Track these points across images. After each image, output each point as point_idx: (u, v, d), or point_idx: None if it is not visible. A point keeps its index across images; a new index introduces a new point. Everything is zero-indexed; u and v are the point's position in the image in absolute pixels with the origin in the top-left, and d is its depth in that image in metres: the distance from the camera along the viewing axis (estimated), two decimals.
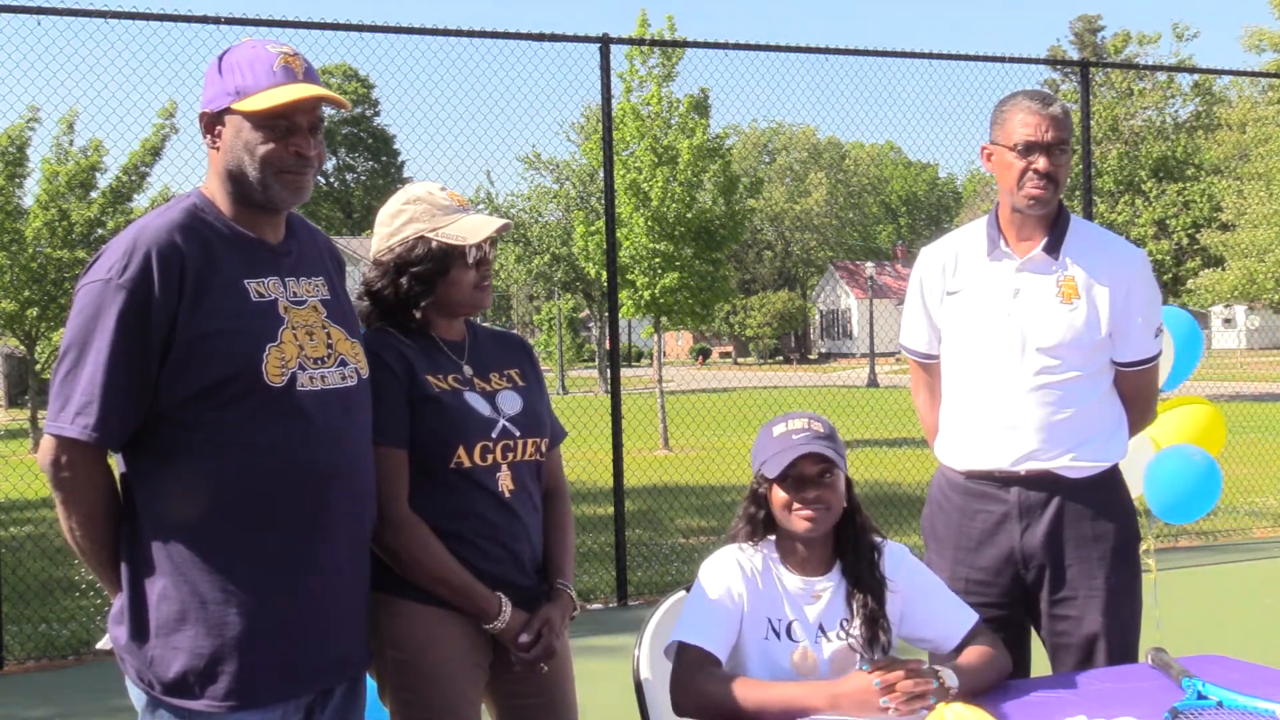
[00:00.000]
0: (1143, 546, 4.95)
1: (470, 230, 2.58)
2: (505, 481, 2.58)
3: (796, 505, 2.52)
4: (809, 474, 2.51)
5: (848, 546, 2.59)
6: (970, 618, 2.62)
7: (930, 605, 2.63)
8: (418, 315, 2.62)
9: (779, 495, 2.54)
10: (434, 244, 2.57)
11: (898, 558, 2.64)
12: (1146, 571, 3.23)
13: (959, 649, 2.57)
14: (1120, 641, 3.00)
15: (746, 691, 2.37)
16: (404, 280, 2.58)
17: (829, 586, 2.56)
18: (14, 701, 5.82)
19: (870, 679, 2.29)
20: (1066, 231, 3.06)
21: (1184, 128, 36.96)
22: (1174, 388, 5.07)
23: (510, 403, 2.65)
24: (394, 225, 2.62)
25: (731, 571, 2.55)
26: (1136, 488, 4.64)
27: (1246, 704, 2.33)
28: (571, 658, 2.74)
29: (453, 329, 2.68)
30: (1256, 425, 15.35)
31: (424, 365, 2.57)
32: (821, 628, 2.53)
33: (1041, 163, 2.96)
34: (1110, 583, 3.00)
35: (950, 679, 2.35)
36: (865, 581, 2.56)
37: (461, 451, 2.53)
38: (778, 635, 2.52)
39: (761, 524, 2.60)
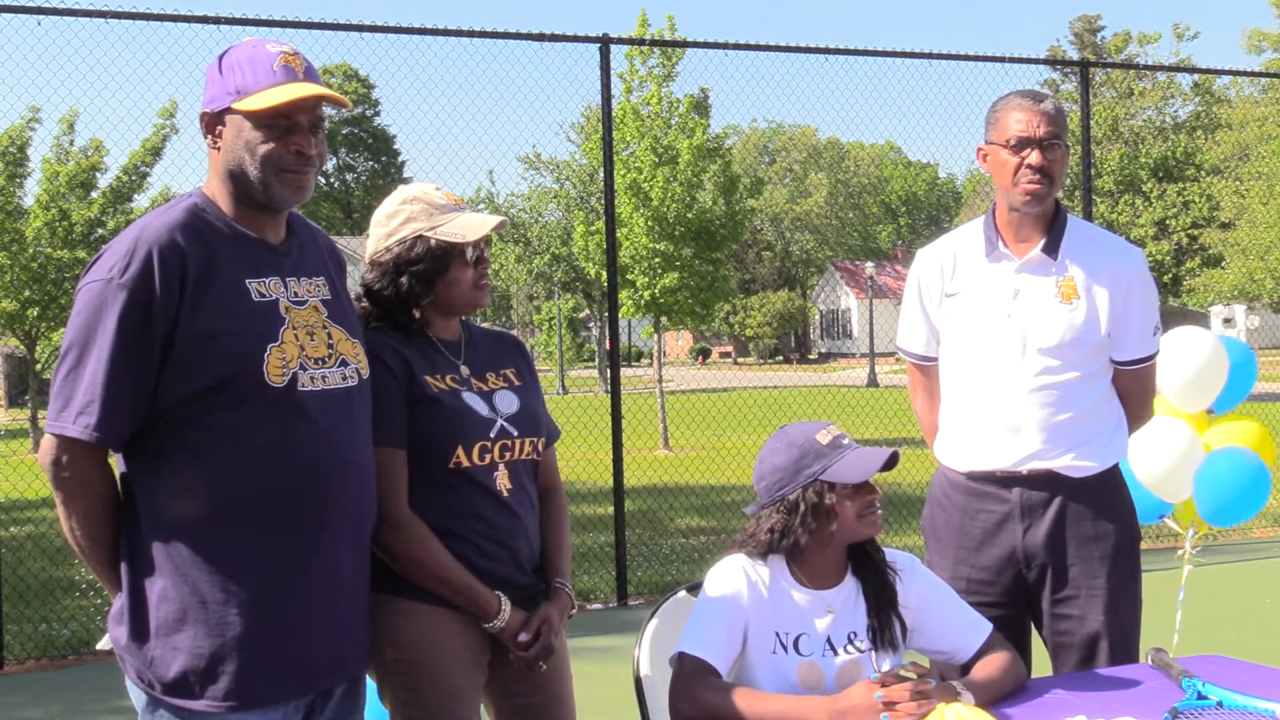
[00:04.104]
0: (1179, 552, 4.90)
1: (469, 228, 2.58)
2: (503, 481, 2.58)
3: (867, 511, 2.48)
4: (869, 479, 2.49)
5: (863, 546, 2.55)
6: (985, 628, 2.60)
7: (945, 617, 2.60)
8: (417, 315, 2.62)
9: (847, 503, 2.47)
10: (433, 243, 2.57)
11: (910, 569, 2.61)
12: (1161, 569, 3.19)
13: (974, 659, 2.55)
14: (1121, 641, 3.00)
15: (746, 702, 2.33)
16: (404, 280, 2.58)
17: (841, 598, 2.52)
18: (14, 702, 5.82)
19: (873, 693, 2.26)
20: (1064, 232, 3.06)
21: (1184, 128, 37.00)
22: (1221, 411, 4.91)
23: (507, 402, 2.65)
24: (391, 226, 2.62)
25: (739, 583, 2.49)
26: (1186, 492, 4.55)
27: (1246, 704, 2.34)
28: (569, 656, 2.74)
29: (449, 329, 2.68)
30: None
31: (422, 365, 2.57)
32: (830, 642, 2.49)
33: (1035, 157, 2.96)
34: (1111, 582, 3.00)
35: (968, 699, 2.33)
36: (883, 576, 2.54)
37: (460, 451, 2.53)
38: (785, 649, 2.47)
39: (829, 537, 2.49)
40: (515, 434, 2.62)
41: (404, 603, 2.50)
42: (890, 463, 2.47)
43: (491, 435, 2.58)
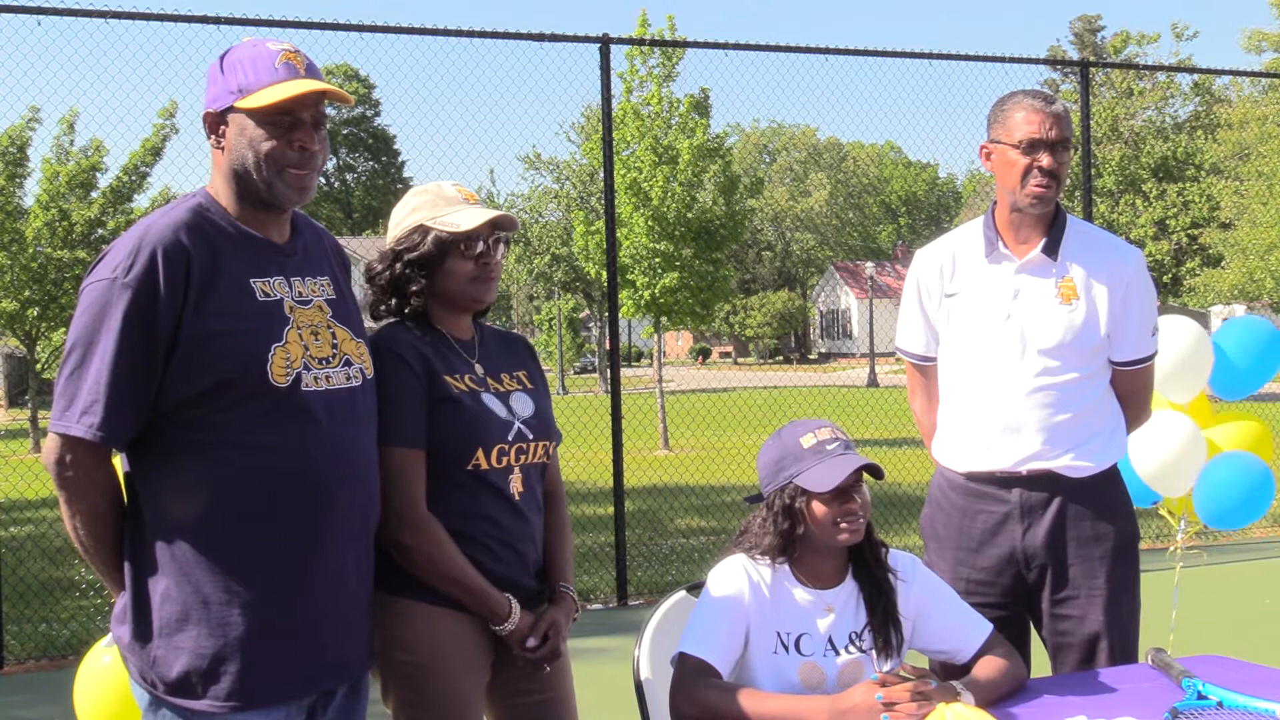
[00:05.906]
0: (1170, 548, 4.90)
1: (466, 219, 2.60)
2: (517, 484, 2.59)
3: (842, 519, 2.47)
4: (848, 484, 2.48)
5: (862, 550, 2.56)
6: (985, 628, 2.61)
7: (945, 618, 2.61)
8: (414, 303, 2.62)
9: (820, 508, 2.47)
10: (431, 232, 2.59)
11: (911, 570, 2.61)
12: (1159, 570, 3.18)
13: (974, 659, 2.56)
14: (1121, 641, 3.00)
15: (748, 702, 2.34)
16: (398, 266, 2.61)
17: (841, 599, 2.53)
18: (14, 702, 5.82)
19: (873, 694, 2.26)
20: (1064, 232, 3.07)
21: (1184, 128, 37.02)
22: (1238, 398, 4.86)
23: (523, 405, 2.65)
24: (400, 216, 2.67)
25: (740, 583, 2.50)
26: (1185, 488, 4.53)
27: (1246, 704, 2.34)
28: (570, 657, 2.74)
29: (460, 326, 2.69)
30: None
31: (440, 365, 2.58)
32: (831, 641, 2.50)
33: (1046, 159, 2.96)
34: (1111, 582, 3.00)
35: (968, 699, 2.34)
36: (881, 582, 2.55)
37: (480, 454, 2.53)
38: (786, 649, 2.48)
39: (795, 540, 2.50)
40: (531, 437, 2.62)
41: (409, 604, 2.50)
42: (871, 473, 2.48)
43: (509, 438, 2.58)
